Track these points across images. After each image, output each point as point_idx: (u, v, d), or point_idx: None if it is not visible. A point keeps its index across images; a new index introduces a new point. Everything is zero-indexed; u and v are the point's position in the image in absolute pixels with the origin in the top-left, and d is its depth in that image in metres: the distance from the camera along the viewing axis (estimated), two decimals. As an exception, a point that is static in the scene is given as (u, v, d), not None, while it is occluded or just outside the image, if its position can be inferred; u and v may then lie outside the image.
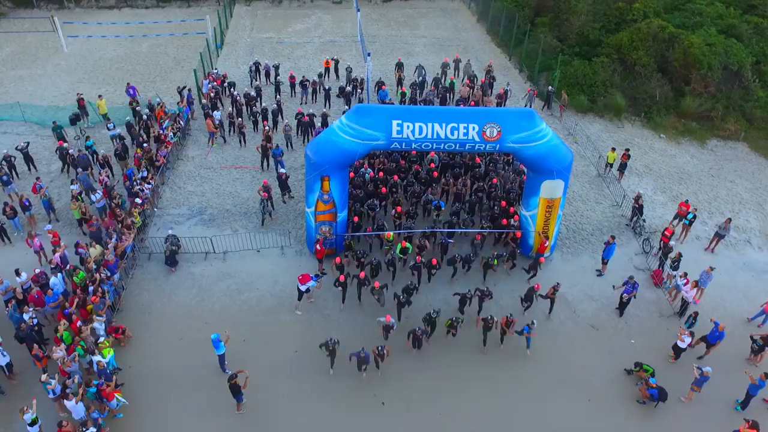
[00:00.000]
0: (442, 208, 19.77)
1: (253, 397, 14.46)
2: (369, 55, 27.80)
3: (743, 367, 15.82)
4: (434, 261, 17.57)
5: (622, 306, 17.51)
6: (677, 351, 16.23)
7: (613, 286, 17.75)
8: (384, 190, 20.14)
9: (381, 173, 20.74)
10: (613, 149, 22.84)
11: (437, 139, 16.69)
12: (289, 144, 23.84)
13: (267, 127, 23.49)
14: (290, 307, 17.37)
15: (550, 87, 27.56)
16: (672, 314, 17.71)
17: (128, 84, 26.53)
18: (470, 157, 21.54)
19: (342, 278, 16.80)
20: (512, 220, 18.90)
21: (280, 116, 25.14)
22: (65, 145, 22.43)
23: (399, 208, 19.19)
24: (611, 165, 22.99)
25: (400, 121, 16.53)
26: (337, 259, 17.40)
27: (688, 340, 15.97)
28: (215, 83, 27.22)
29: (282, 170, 20.94)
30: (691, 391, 15.25)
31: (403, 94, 26.70)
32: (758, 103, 27.61)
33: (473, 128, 16.57)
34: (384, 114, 16.75)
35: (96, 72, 31.30)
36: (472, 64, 29.44)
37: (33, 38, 35.78)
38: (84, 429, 12.99)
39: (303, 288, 16.73)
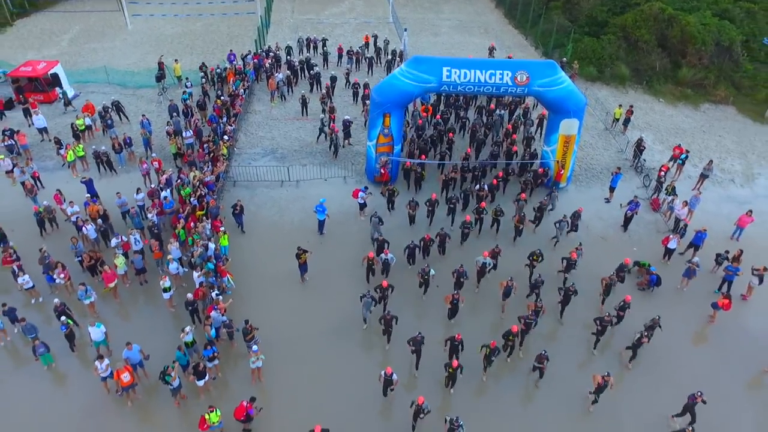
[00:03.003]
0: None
1: (321, 276, 18.58)
2: (406, 30, 31.86)
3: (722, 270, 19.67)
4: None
5: (626, 222, 21.47)
6: (668, 252, 20.18)
7: (620, 204, 21.72)
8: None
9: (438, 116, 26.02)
10: (620, 106, 26.87)
11: (478, 83, 20.70)
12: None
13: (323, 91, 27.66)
14: (354, 220, 21.36)
15: (563, 59, 31.54)
16: (667, 231, 21.62)
17: (230, 50, 30.87)
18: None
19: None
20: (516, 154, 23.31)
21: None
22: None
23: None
24: (617, 120, 26.98)
25: (449, 68, 20.57)
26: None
27: (675, 242, 19.93)
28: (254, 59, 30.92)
29: (347, 117, 24.98)
30: (685, 279, 19.14)
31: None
32: (746, 74, 31.61)
33: (507, 74, 20.59)
34: (437, 63, 20.78)
35: (159, 46, 35.32)
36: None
37: (97, 18, 39.89)
38: (210, 290, 17.00)
39: (359, 201, 20.87)
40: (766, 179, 25.07)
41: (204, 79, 28.61)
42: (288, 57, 30.90)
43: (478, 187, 21.70)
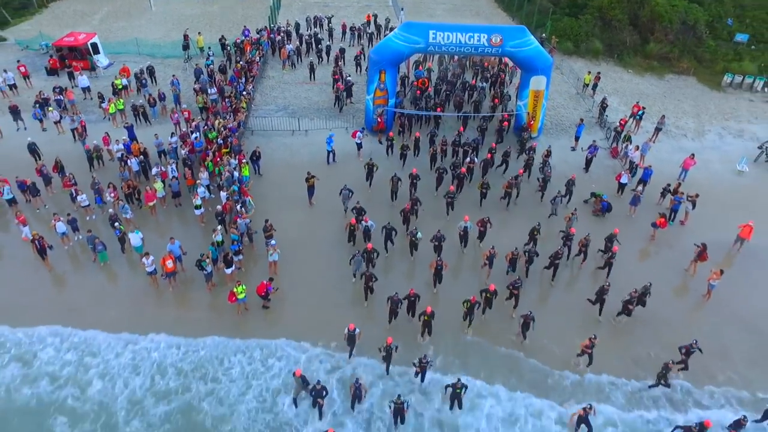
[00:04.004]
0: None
1: (325, 200, 22.24)
2: (402, 9, 35.65)
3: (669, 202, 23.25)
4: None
5: (587, 164, 25.13)
6: (621, 187, 23.84)
7: (582, 148, 25.40)
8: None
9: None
10: (589, 72, 30.56)
11: (459, 44, 24.41)
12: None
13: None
14: (353, 160, 25.10)
15: (543, 35, 35.21)
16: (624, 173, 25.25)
17: (245, 27, 34.64)
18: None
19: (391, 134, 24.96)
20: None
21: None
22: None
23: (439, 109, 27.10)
24: (587, 85, 30.63)
25: (434, 31, 24.31)
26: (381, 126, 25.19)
27: (626, 177, 23.60)
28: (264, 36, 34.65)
29: (349, 78, 28.77)
30: (633, 207, 22.80)
31: (429, 70, 31.86)
32: (708, 50, 35.19)
33: (483, 36, 24.29)
34: (425, 27, 24.55)
35: (181, 24, 39.05)
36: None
37: (123, 1, 43.84)
38: (236, 204, 20.79)
39: (356, 141, 24.58)
40: (714, 135, 28.67)
41: (224, 50, 32.47)
42: (297, 31, 34.69)
43: (468, 159, 24.00)
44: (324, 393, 15.21)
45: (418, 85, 28.97)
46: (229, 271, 18.99)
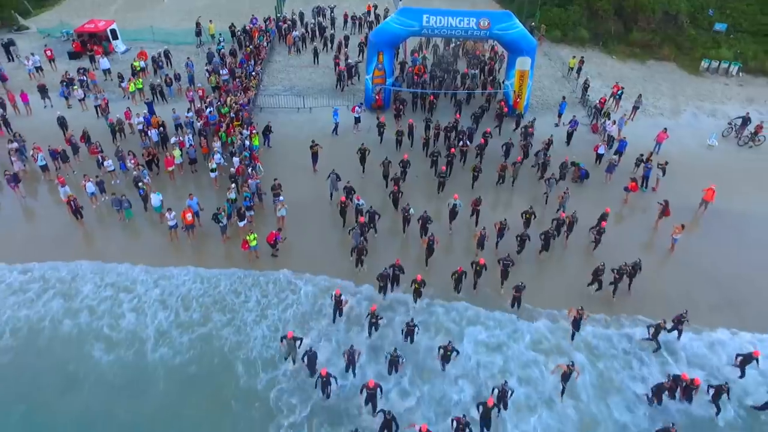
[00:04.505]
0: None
1: (328, 168, 24.24)
2: (401, 0, 37.94)
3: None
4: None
5: (569, 137, 27.38)
6: (598, 157, 26.08)
7: (563, 123, 27.67)
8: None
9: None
10: (574, 57, 32.81)
11: (450, 27, 26.72)
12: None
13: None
14: (352, 133, 27.39)
15: (533, 24, 37.46)
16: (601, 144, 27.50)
17: (252, 15, 36.93)
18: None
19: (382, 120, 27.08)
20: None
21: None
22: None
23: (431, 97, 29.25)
24: (572, 69, 32.87)
25: (428, 16, 26.63)
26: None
27: (603, 148, 25.84)
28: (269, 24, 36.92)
29: (351, 61, 31.08)
30: (608, 174, 25.04)
31: (425, 57, 34.15)
32: (688, 38, 37.37)
33: (473, 20, 26.57)
34: (419, 11, 26.88)
35: (192, 14, 40.95)
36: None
37: (136, -7, 46.19)
38: (247, 167, 23.08)
39: (355, 115, 26.98)
40: (688, 114, 30.94)
41: (233, 37, 34.81)
42: (302, 20, 37.03)
43: (461, 143, 25.62)
44: (315, 358, 16.66)
45: (414, 71, 31.18)
46: (241, 224, 21.30)
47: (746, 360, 17.24)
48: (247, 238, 20.03)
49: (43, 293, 19.26)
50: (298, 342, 16.99)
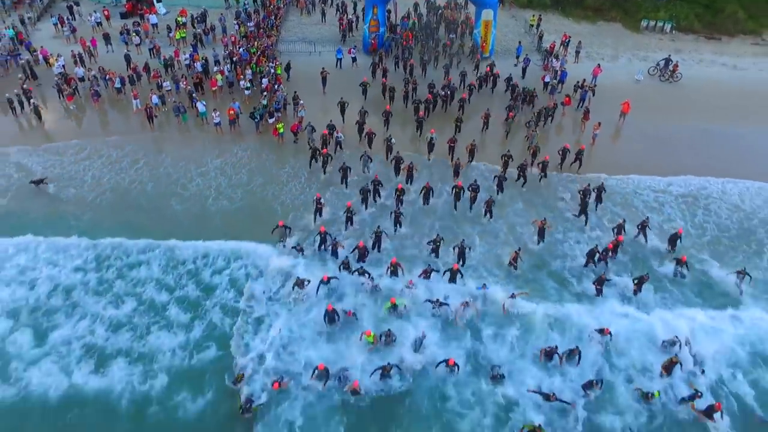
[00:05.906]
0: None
1: (334, 90, 31.79)
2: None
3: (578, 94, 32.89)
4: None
5: (524, 73, 34.80)
6: (545, 84, 33.52)
7: (517, 64, 35.15)
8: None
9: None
10: (533, 16, 40.26)
11: (429, -16, 34.17)
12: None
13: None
14: (351, 69, 34.83)
15: (503, -8, 44.90)
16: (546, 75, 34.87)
17: None
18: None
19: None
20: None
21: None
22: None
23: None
24: (532, 25, 40.35)
25: (412, -25, 34.08)
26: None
27: (548, 77, 33.31)
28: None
29: (350, 17, 38.61)
30: (552, 97, 32.46)
31: (414, 23, 42.04)
32: (634, 4, 44.76)
33: (446, -22, 34.03)
34: (405, -29, 34.32)
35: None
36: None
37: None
38: (273, 85, 30.52)
39: (351, 56, 34.42)
40: (625, 59, 38.31)
41: (255, 2, 42.30)
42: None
43: (443, 93, 31.73)
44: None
45: (404, 36, 37.92)
46: (271, 120, 28.73)
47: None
48: (277, 126, 27.47)
49: (135, 164, 26.78)
50: (287, 230, 22.66)
